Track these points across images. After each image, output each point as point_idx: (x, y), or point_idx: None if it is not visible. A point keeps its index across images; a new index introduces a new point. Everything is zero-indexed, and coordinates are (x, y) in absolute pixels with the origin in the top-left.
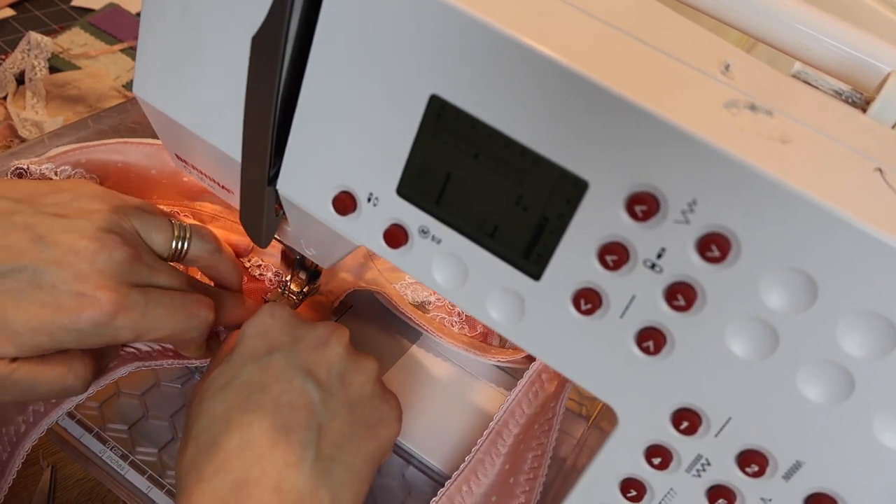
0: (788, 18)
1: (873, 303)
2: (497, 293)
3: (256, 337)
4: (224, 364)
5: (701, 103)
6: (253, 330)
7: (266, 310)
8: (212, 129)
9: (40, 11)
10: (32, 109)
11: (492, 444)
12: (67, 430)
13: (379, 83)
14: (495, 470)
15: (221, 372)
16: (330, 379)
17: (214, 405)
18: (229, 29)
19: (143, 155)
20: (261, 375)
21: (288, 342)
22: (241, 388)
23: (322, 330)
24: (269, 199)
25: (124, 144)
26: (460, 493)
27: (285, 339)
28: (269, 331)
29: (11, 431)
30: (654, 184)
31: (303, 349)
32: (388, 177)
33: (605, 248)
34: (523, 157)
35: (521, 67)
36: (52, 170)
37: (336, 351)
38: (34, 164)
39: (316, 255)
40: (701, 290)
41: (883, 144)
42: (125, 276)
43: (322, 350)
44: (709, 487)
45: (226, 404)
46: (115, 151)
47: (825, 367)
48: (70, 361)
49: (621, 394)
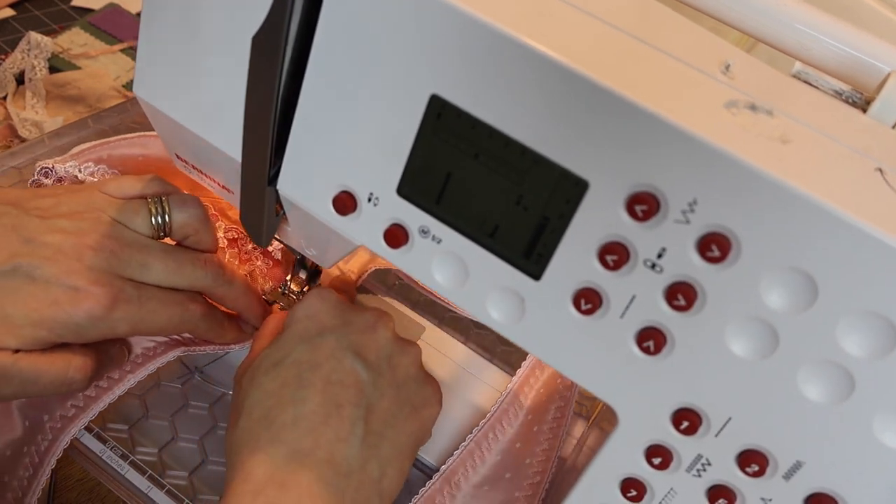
0: (788, 18)
1: (873, 302)
2: (497, 293)
3: (307, 319)
4: (275, 343)
5: (701, 103)
6: (303, 312)
7: (315, 293)
8: (212, 128)
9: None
10: (32, 109)
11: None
12: None
13: (379, 83)
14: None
15: (273, 350)
16: (378, 360)
17: (266, 382)
18: (230, 28)
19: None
20: (312, 354)
21: (338, 324)
22: (293, 366)
23: (370, 315)
24: (269, 199)
25: (145, 138)
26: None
27: (335, 321)
28: (318, 313)
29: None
30: (655, 184)
31: (352, 331)
32: (389, 176)
33: (606, 247)
34: (523, 156)
35: (521, 67)
36: (77, 167)
37: (384, 335)
38: (59, 164)
39: (316, 254)
40: (701, 289)
41: (883, 144)
42: (115, 270)
43: (370, 333)
44: (709, 487)
45: (278, 381)
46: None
47: (825, 366)
48: (71, 356)
49: (621, 394)
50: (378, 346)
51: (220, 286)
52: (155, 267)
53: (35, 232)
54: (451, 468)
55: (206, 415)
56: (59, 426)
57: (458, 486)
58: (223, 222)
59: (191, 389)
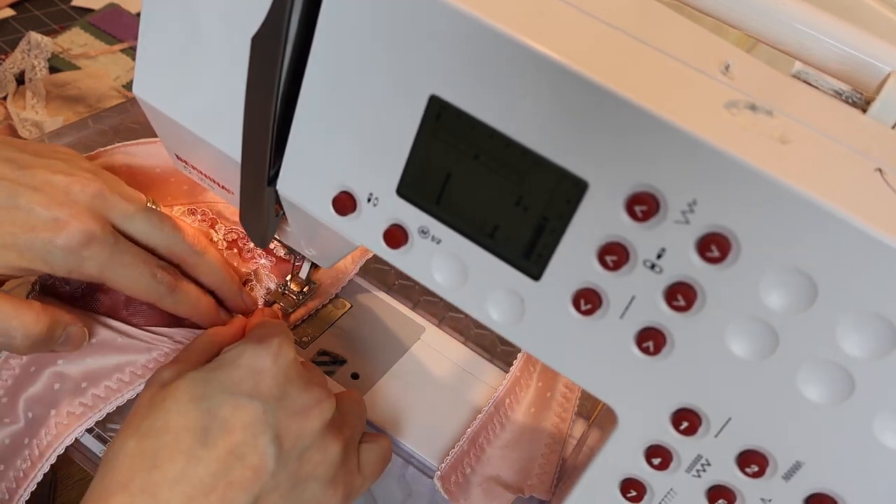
0: (788, 18)
1: (873, 303)
2: (497, 293)
3: (249, 371)
4: (204, 375)
5: (701, 103)
6: (250, 362)
7: (274, 349)
8: (212, 129)
9: (40, 11)
10: (32, 109)
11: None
12: None
13: (379, 83)
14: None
15: (195, 381)
16: (292, 451)
17: (172, 413)
18: (229, 29)
19: (147, 154)
20: (232, 413)
21: (274, 396)
22: (206, 414)
23: (311, 397)
24: (268, 200)
25: (126, 146)
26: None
27: (275, 391)
28: (263, 373)
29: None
30: (654, 184)
31: (283, 409)
32: (388, 177)
33: (605, 248)
34: (523, 157)
35: (521, 68)
36: None
37: (313, 424)
38: None
39: (316, 255)
40: (701, 290)
41: (883, 144)
42: (99, 211)
43: (300, 419)
44: (709, 488)
45: (185, 420)
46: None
47: (825, 367)
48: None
49: (621, 394)
50: (300, 436)
51: (194, 254)
52: (138, 217)
53: (28, 163)
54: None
55: None
56: (65, 422)
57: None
58: (222, 223)
59: None
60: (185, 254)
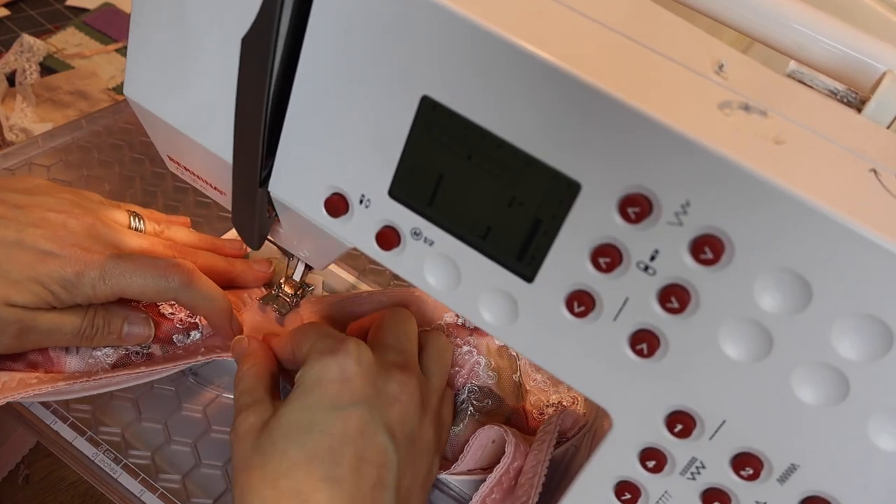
0: (783, 17)
1: (868, 305)
2: (490, 295)
3: (339, 383)
4: (299, 402)
5: (694, 104)
6: (337, 374)
7: (353, 353)
8: (203, 130)
9: (35, 11)
10: (22, 113)
11: None
12: (60, 434)
13: (370, 84)
14: None
15: (295, 413)
16: (404, 437)
17: (292, 450)
18: (220, 30)
19: None
20: (343, 426)
21: (371, 395)
22: (322, 437)
23: (396, 382)
24: (261, 201)
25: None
26: None
27: (369, 391)
28: (353, 378)
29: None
30: (647, 185)
31: (383, 404)
32: (381, 178)
33: (598, 249)
34: (516, 158)
35: (513, 68)
36: None
37: (410, 405)
38: None
39: (308, 256)
40: (694, 292)
41: (878, 145)
42: (96, 238)
43: (399, 405)
44: (703, 490)
45: (306, 452)
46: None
47: (820, 369)
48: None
49: (615, 396)
50: (404, 421)
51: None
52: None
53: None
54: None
55: (200, 418)
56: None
57: None
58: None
59: (184, 392)
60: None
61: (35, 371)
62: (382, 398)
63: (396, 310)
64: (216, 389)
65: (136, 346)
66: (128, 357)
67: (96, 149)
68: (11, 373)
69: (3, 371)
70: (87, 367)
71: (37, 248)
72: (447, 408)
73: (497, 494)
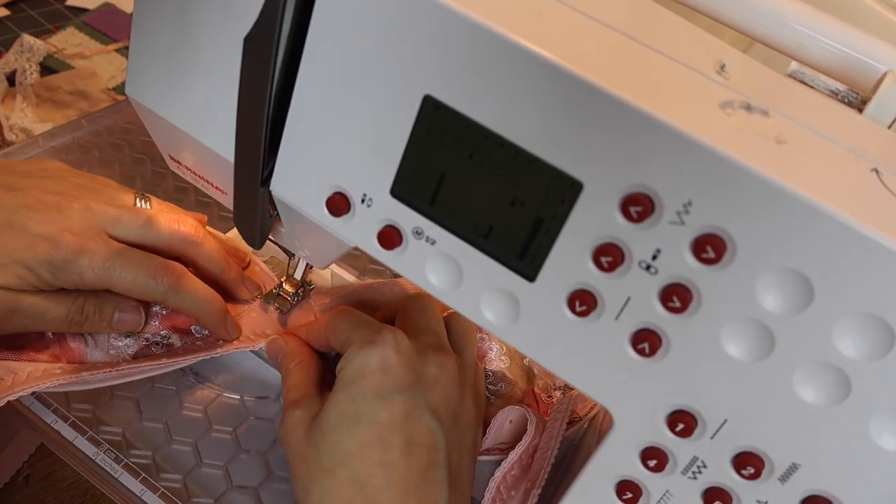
0: (783, 17)
1: (869, 304)
2: (492, 294)
3: (381, 372)
4: (344, 394)
5: (696, 103)
6: (378, 364)
7: (391, 342)
8: (204, 129)
9: (35, 11)
10: (22, 113)
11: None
12: (60, 433)
13: (372, 83)
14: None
15: (342, 404)
16: (447, 416)
17: (344, 440)
18: (222, 29)
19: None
20: (389, 413)
21: (413, 381)
22: (371, 426)
23: (433, 363)
24: (262, 200)
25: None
26: None
27: (410, 377)
28: (394, 367)
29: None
30: (649, 184)
31: (424, 387)
32: (382, 177)
33: (600, 249)
34: (518, 157)
35: (515, 68)
36: None
37: (449, 384)
38: None
39: (310, 255)
40: (696, 291)
41: (879, 144)
42: (90, 222)
43: (439, 387)
44: (705, 490)
45: (357, 441)
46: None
47: (821, 368)
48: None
49: (617, 396)
50: (446, 401)
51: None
52: (124, 220)
53: (19, 185)
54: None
55: (201, 417)
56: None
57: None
58: None
59: (185, 391)
60: (181, 246)
61: (58, 362)
62: (423, 382)
63: (419, 295)
64: (217, 389)
65: (157, 337)
66: (148, 348)
67: (97, 148)
68: (36, 363)
69: (29, 362)
70: (108, 358)
71: (27, 231)
72: (481, 380)
73: (516, 471)
